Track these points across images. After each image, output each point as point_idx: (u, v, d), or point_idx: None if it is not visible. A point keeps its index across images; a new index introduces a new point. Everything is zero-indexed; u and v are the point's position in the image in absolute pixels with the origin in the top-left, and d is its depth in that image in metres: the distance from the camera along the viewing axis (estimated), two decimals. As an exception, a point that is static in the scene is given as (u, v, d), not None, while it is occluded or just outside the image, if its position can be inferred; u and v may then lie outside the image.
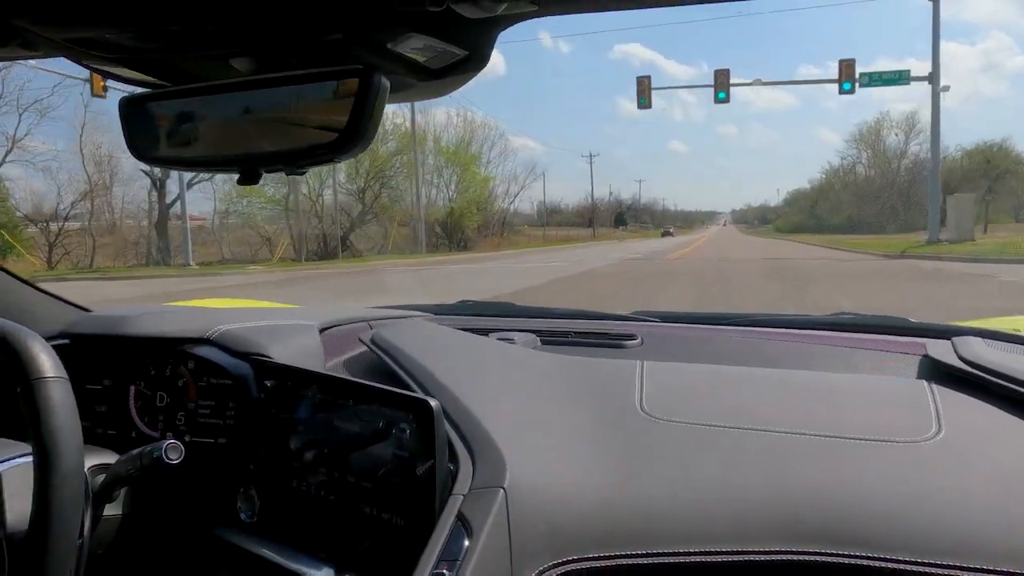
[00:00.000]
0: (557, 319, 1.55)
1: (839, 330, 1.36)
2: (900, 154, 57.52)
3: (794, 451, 0.89)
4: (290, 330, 1.18)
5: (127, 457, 0.87)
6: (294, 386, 1.00)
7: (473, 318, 1.55)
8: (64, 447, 0.67)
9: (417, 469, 0.84)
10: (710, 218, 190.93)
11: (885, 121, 60.93)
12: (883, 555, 0.76)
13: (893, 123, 59.26)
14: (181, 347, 1.11)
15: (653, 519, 0.81)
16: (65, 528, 0.67)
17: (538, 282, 12.67)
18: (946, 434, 0.89)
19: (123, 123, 0.68)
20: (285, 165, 0.64)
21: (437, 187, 40.60)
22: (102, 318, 1.22)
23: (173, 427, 1.09)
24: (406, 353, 1.10)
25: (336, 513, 0.92)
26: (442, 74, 0.64)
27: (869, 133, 61.28)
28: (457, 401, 0.95)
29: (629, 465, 0.88)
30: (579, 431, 0.94)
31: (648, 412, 0.97)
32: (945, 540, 0.76)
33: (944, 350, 1.08)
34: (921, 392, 0.98)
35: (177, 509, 1.04)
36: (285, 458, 0.99)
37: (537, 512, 0.80)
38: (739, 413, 0.96)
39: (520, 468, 0.83)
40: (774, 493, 0.83)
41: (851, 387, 1.04)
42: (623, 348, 1.30)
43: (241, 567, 1.00)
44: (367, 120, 0.58)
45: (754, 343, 1.32)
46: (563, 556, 0.78)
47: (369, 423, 0.90)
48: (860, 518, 0.79)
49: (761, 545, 0.78)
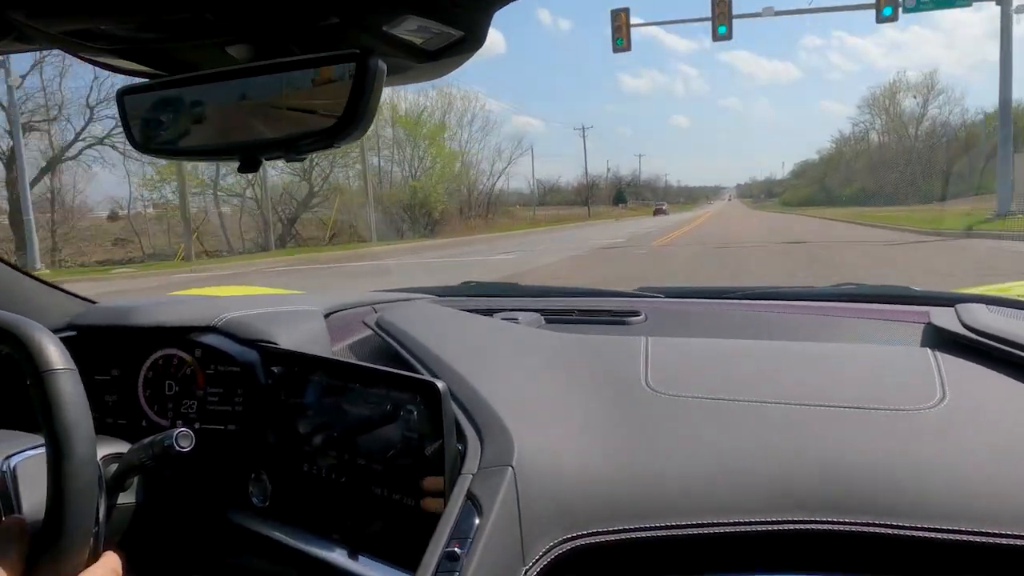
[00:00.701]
0: (561, 297, 1.56)
1: (842, 301, 1.37)
2: (917, 119, 54.40)
3: (799, 422, 0.89)
4: (295, 316, 1.19)
5: (139, 446, 0.88)
6: (301, 371, 1.01)
7: (477, 299, 1.56)
8: (76, 437, 0.68)
9: (426, 450, 0.85)
10: (715, 193, 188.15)
11: (901, 83, 57.29)
12: (889, 522, 0.76)
13: (910, 85, 55.72)
14: (188, 336, 1.11)
15: (660, 493, 0.82)
16: (81, 516, 0.68)
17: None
18: (951, 401, 0.89)
19: (121, 115, 0.68)
20: (285, 151, 0.64)
21: (399, 164, 36.50)
22: (108, 309, 1.23)
23: (183, 415, 1.10)
24: (411, 335, 1.11)
25: (347, 495, 0.93)
26: (439, 56, 0.64)
27: (883, 97, 57.82)
28: (463, 381, 0.95)
29: (635, 440, 0.89)
30: (585, 408, 0.95)
31: (653, 387, 0.98)
32: (951, 505, 0.77)
33: (948, 318, 1.08)
34: (925, 360, 0.99)
35: (190, 496, 1.06)
36: (295, 442, 1.00)
37: (545, 489, 0.81)
38: (743, 386, 0.97)
39: (527, 446, 0.84)
40: (780, 464, 0.84)
41: (855, 357, 1.05)
42: (627, 324, 1.31)
43: (256, 551, 1.01)
44: (365, 104, 0.58)
45: (757, 316, 1.32)
46: (572, 531, 0.79)
47: (377, 406, 0.91)
48: (866, 486, 0.80)
49: (768, 515, 0.79)
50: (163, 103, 0.67)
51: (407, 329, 1.13)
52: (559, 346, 1.12)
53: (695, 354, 1.09)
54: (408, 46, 0.61)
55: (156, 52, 0.67)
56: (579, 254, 15.53)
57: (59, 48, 0.66)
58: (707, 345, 1.12)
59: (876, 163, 55.06)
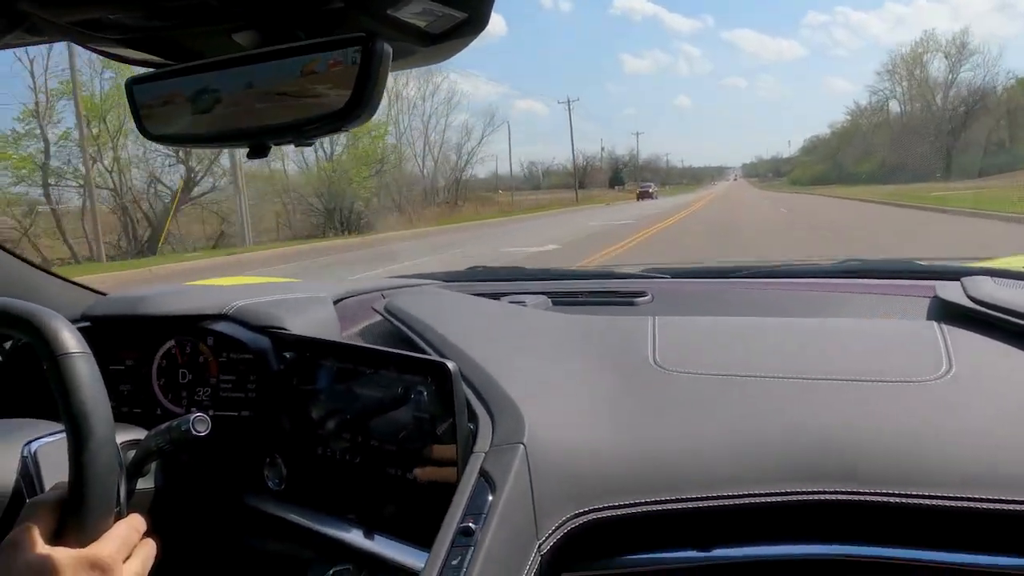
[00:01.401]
0: (568, 280, 1.57)
1: (848, 277, 1.37)
2: (946, 84, 48.90)
3: (806, 396, 0.90)
4: (305, 303, 1.20)
5: (156, 431, 0.90)
6: (312, 357, 1.03)
7: (484, 283, 1.57)
8: (95, 418, 0.69)
9: (438, 430, 0.86)
10: (719, 174, 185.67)
11: (929, 42, 50.77)
12: (898, 491, 0.77)
13: (939, 46, 49.48)
14: (200, 324, 1.13)
15: (670, 467, 0.83)
16: (102, 493, 0.69)
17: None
18: (957, 372, 0.90)
19: (130, 104, 0.69)
20: (294, 137, 0.64)
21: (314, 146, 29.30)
22: (120, 300, 1.24)
23: (197, 403, 1.12)
24: (420, 319, 1.12)
25: (362, 477, 0.95)
26: (442, 38, 0.64)
27: (906, 62, 52.06)
28: (473, 362, 0.96)
29: (644, 417, 0.90)
30: (594, 386, 0.96)
31: (661, 365, 0.99)
32: (960, 474, 0.77)
33: (953, 290, 1.09)
34: (931, 333, 0.99)
35: (208, 481, 1.07)
36: (308, 427, 1.01)
37: (557, 465, 0.82)
38: (750, 362, 0.97)
39: (538, 423, 0.85)
40: (788, 438, 0.85)
41: (861, 331, 1.05)
42: (634, 305, 1.32)
43: (273, 533, 1.03)
44: (372, 87, 0.59)
45: (763, 294, 1.33)
46: (584, 506, 0.80)
47: (388, 388, 0.92)
48: (874, 457, 0.81)
49: (778, 487, 0.80)
50: (171, 92, 0.68)
51: (416, 313, 1.14)
52: (567, 327, 1.13)
53: (702, 332, 1.10)
54: (412, 29, 0.62)
55: (164, 41, 0.67)
56: (550, 251, 12.51)
57: (68, 39, 0.67)
58: (714, 323, 1.13)
59: (899, 135, 49.88)
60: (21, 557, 0.65)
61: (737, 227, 16.76)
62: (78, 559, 0.66)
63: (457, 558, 0.71)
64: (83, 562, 0.67)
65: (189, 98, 0.67)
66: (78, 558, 0.67)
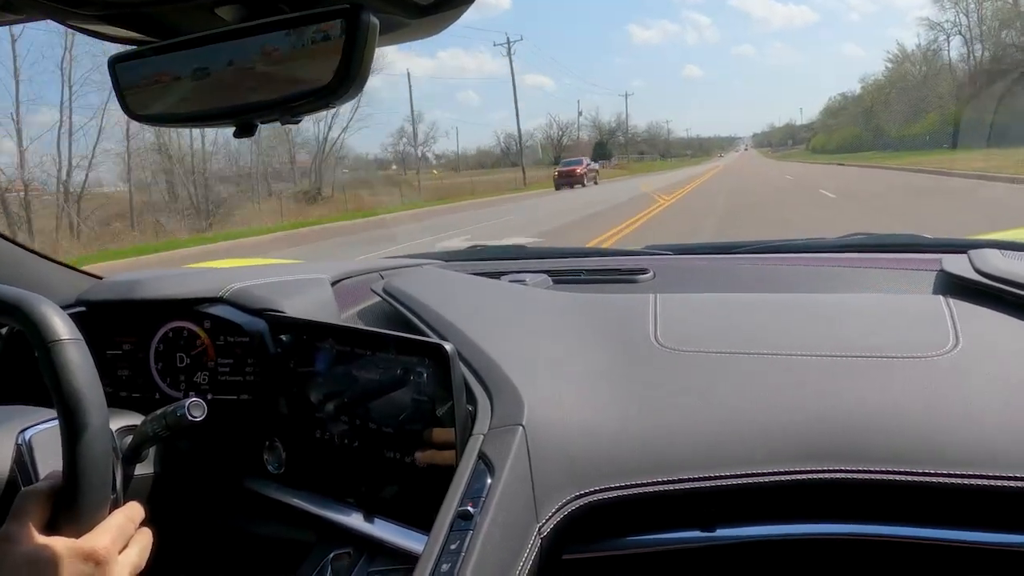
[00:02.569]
0: (568, 258, 1.55)
1: (852, 251, 1.35)
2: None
3: (810, 372, 0.89)
4: (302, 284, 1.18)
5: (152, 417, 0.89)
6: (310, 339, 1.01)
7: (484, 262, 1.55)
8: (88, 406, 0.68)
9: (437, 412, 0.85)
10: (729, 144, 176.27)
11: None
12: (905, 469, 0.76)
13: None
14: (196, 307, 1.12)
15: (672, 447, 0.82)
16: (97, 481, 0.68)
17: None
18: (964, 346, 0.88)
19: (114, 83, 0.67)
20: (280, 114, 0.63)
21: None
22: (115, 284, 1.23)
23: (195, 387, 1.11)
24: (419, 300, 1.10)
25: (361, 460, 0.94)
26: (432, 9, 0.62)
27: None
28: (472, 343, 0.95)
29: (646, 396, 0.89)
30: (595, 366, 0.94)
31: (662, 343, 0.97)
32: (967, 450, 0.76)
33: (960, 263, 1.07)
34: (937, 307, 0.98)
35: (207, 465, 1.07)
36: (307, 410, 1.00)
37: (556, 447, 0.81)
38: (753, 339, 0.96)
39: (538, 405, 0.84)
40: (791, 415, 0.83)
41: (866, 306, 1.04)
42: (635, 283, 1.30)
43: (274, 516, 1.03)
44: (358, 61, 0.57)
45: (766, 270, 1.31)
46: (584, 487, 0.79)
47: (386, 370, 0.91)
48: (880, 434, 0.79)
49: (780, 466, 0.79)
50: (155, 70, 0.66)
51: (415, 294, 1.13)
52: (567, 305, 1.11)
53: (704, 309, 1.08)
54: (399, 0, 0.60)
55: (145, 17, 0.65)
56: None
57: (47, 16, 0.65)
58: (716, 300, 1.11)
59: (963, 87, 36.72)
60: (15, 549, 0.64)
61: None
62: (72, 550, 0.66)
63: (456, 542, 0.70)
64: (77, 553, 0.66)
65: (173, 76, 0.65)
66: (72, 549, 0.66)
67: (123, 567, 0.69)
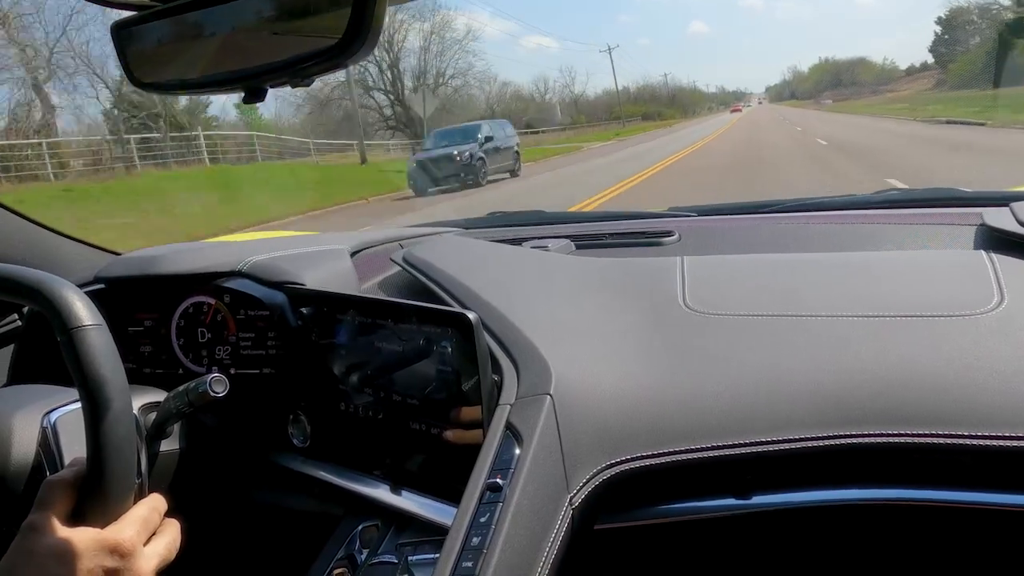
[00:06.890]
0: (590, 223, 1.52)
1: (887, 207, 1.31)
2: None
3: (845, 334, 0.85)
4: (321, 256, 1.16)
5: (174, 394, 0.88)
6: (331, 311, 1.00)
7: (505, 229, 1.52)
8: (110, 392, 0.68)
9: (462, 382, 0.83)
10: (739, 99, 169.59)
11: None
12: (948, 431, 0.73)
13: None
14: (215, 281, 1.10)
15: (702, 413, 0.80)
16: (122, 468, 0.68)
17: None
18: (1010, 303, 0.84)
19: (117, 50, 0.65)
20: (291, 76, 0.60)
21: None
22: (133, 260, 1.22)
23: (217, 362, 1.10)
24: (440, 269, 1.08)
25: (386, 432, 0.92)
26: None
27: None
28: (496, 312, 0.93)
29: (675, 361, 0.86)
30: (622, 331, 0.92)
31: (691, 307, 0.94)
32: (1013, 412, 0.73)
33: (1003, 217, 1.02)
34: (980, 262, 0.93)
35: (233, 440, 1.06)
36: (330, 382, 0.99)
37: (585, 415, 0.79)
38: (784, 301, 0.93)
39: (565, 373, 0.82)
40: (828, 378, 0.80)
41: (903, 264, 1.00)
42: (661, 245, 1.27)
43: (301, 490, 1.02)
44: (369, 18, 0.53)
45: (796, 229, 1.27)
46: (616, 456, 0.77)
47: (410, 341, 0.89)
48: (922, 396, 0.76)
49: (818, 431, 0.76)
50: (158, 35, 0.63)
51: (436, 263, 1.11)
52: (592, 270, 1.08)
53: (733, 271, 1.05)
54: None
55: (147, -21, 0.63)
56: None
57: None
58: (745, 261, 1.08)
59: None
60: (41, 540, 0.64)
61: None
62: (97, 542, 0.65)
63: (485, 515, 0.68)
64: (103, 546, 0.65)
65: (177, 41, 0.62)
66: (98, 541, 0.65)
67: (149, 559, 0.69)
